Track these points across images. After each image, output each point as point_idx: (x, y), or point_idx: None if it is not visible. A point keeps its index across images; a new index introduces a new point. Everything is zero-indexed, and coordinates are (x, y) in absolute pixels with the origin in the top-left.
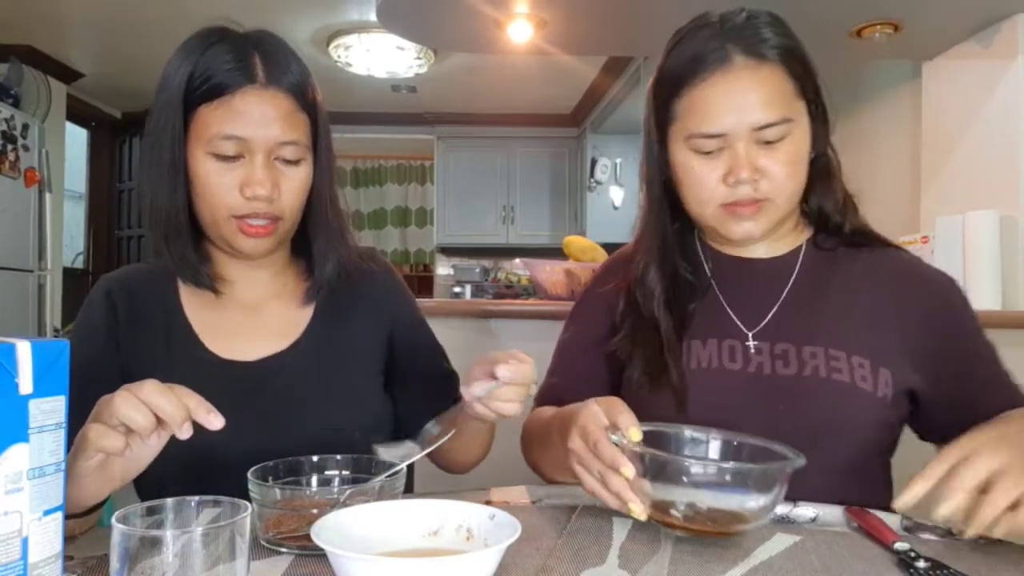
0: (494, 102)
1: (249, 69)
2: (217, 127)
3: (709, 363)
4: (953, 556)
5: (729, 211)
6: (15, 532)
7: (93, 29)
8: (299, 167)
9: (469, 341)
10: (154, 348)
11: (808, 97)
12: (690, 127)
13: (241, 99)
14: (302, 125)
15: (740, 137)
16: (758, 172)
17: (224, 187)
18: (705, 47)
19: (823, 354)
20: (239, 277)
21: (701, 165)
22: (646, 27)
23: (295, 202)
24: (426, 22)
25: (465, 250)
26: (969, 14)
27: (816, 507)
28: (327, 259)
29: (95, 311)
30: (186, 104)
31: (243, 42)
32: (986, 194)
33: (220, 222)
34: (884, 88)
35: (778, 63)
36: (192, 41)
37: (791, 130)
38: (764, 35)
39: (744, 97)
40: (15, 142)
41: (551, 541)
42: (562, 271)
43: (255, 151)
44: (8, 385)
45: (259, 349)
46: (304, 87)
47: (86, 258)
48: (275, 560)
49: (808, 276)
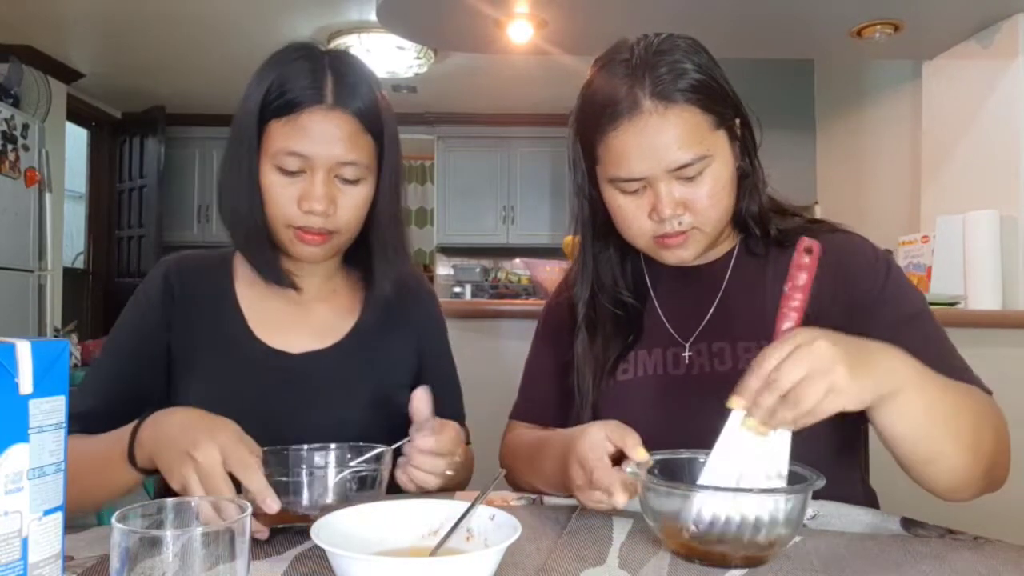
0: (494, 102)
1: (320, 89)
2: (283, 142)
3: (654, 370)
4: (953, 556)
5: (659, 243)
6: (15, 532)
7: (93, 29)
8: (358, 186)
9: (469, 341)
10: (205, 330)
11: (728, 123)
12: (611, 171)
13: (308, 118)
14: (365, 147)
15: (659, 178)
16: (681, 207)
17: (284, 198)
18: (616, 92)
19: (756, 348)
20: (294, 275)
21: (627, 203)
22: (646, 27)
23: (352, 219)
24: (426, 22)
25: (465, 250)
26: (969, 14)
27: (816, 507)
28: (386, 276)
29: (152, 289)
30: (261, 117)
31: (320, 62)
32: (986, 194)
33: (279, 229)
34: (884, 88)
35: (688, 103)
36: (275, 56)
37: (709, 163)
38: (678, 69)
39: (656, 142)
40: (15, 142)
41: (551, 541)
42: (562, 271)
43: (316, 168)
44: (8, 385)
45: (303, 344)
46: (372, 111)
47: (86, 258)
48: (275, 560)
49: (740, 278)
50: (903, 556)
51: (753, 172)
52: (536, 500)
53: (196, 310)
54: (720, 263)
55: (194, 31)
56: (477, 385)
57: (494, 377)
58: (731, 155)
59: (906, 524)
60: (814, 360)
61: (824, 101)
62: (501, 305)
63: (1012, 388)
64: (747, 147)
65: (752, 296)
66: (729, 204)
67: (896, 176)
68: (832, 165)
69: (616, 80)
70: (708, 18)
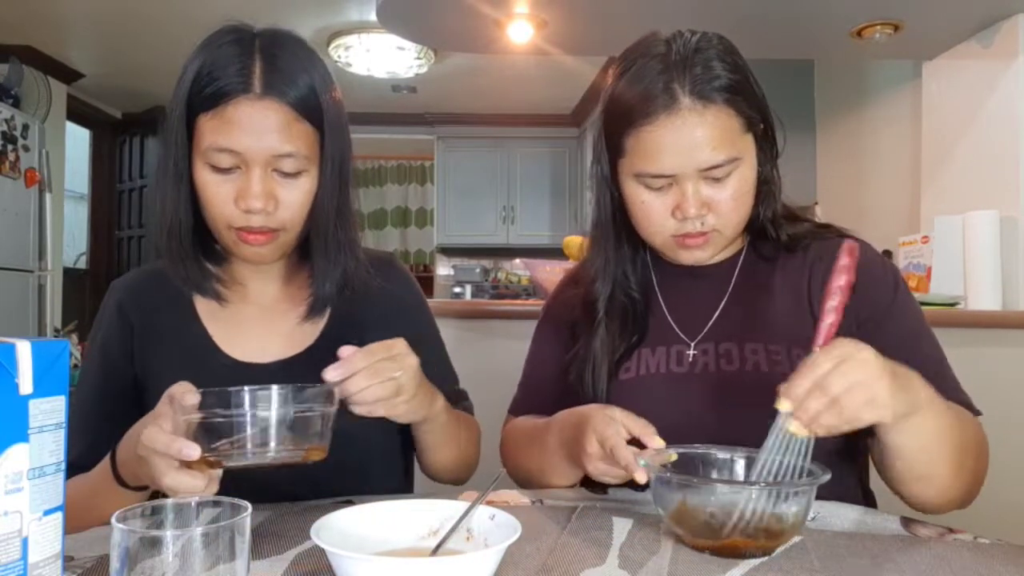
0: (494, 102)
1: (246, 77)
2: (211, 138)
3: (657, 368)
4: (953, 556)
5: (678, 242)
6: (15, 532)
7: (93, 29)
8: (299, 179)
9: (469, 341)
10: (170, 355)
11: (756, 128)
12: (638, 166)
13: (235, 109)
14: (303, 136)
15: (688, 177)
16: (705, 207)
17: (220, 198)
18: (653, 85)
19: (763, 349)
20: (250, 279)
21: (651, 199)
22: (646, 27)
23: (295, 215)
24: (426, 22)
25: (465, 250)
26: (969, 14)
27: (816, 507)
28: (327, 276)
29: (108, 323)
30: (189, 110)
31: (249, 46)
32: (986, 194)
33: (221, 231)
34: (884, 88)
35: (725, 104)
36: (205, 40)
37: (738, 166)
38: (713, 71)
39: (691, 141)
40: (15, 142)
41: (551, 541)
42: (562, 271)
43: (250, 164)
44: (8, 385)
45: (273, 352)
46: (308, 97)
47: (87, 258)
48: (275, 560)
49: (748, 279)
50: (903, 556)
51: (773, 178)
52: (536, 501)
53: (156, 334)
54: (727, 265)
55: (194, 31)
56: (477, 385)
57: (494, 377)
58: (755, 160)
59: (906, 524)
60: (862, 371)
61: (824, 101)
62: (501, 305)
63: (1012, 388)
64: (769, 152)
65: (760, 299)
66: (750, 208)
67: (896, 176)
68: (832, 165)
69: (651, 74)
70: (708, 18)
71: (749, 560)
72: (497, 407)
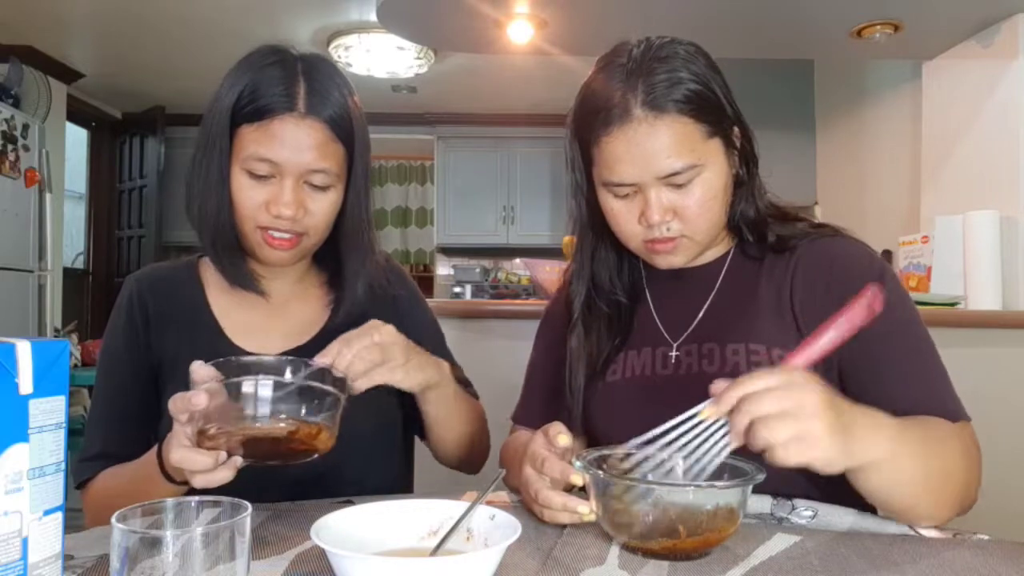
0: (494, 102)
1: (292, 97)
2: (253, 148)
3: (643, 370)
4: (953, 555)
5: (648, 248)
6: (15, 532)
7: (93, 29)
8: (327, 192)
9: (469, 341)
10: (182, 342)
11: (723, 132)
12: (604, 175)
13: (280, 125)
14: (336, 155)
15: (649, 185)
16: (670, 213)
17: (253, 201)
18: (611, 97)
19: (744, 350)
20: (266, 276)
21: (619, 207)
22: (646, 28)
23: (320, 223)
24: (426, 22)
25: (465, 250)
26: (969, 14)
27: (816, 507)
28: (358, 278)
29: (123, 315)
30: (232, 121)
31: (293, 68)
32: (986, 194)
33: (248, 232)
34: (884, 88)
35: (680, 113)
36: (248, 59)
37: (700, 172)
38: (673, 78)
39: (645, 150)
40: (15, 142)
41: (551, 541)
42: (562, 271)
43: (285, 175)
44: (8, 385)
45: (279, 344)
46: (343, 119)
47: (86, 258)
48: (275, 560)
49: (734, 281)
50: (903, 556)
51: (750, 180)
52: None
53: (172, 325)
54: (714, 265)
55: (194, 31)
56: (477, 385)
57: (494, 377)
58: (726, 164)
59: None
60: (795, 404)
61: (824, 101)
62: (501, 305)
63: (1012, 388)
64: (745, 156)
65: (744, 299)
66: (720, 213)
67: (896, 176)
68: (832, 165)
69: (612, 84)
70: (708, 18)
71: (749, 560)
72: (497, 407)
